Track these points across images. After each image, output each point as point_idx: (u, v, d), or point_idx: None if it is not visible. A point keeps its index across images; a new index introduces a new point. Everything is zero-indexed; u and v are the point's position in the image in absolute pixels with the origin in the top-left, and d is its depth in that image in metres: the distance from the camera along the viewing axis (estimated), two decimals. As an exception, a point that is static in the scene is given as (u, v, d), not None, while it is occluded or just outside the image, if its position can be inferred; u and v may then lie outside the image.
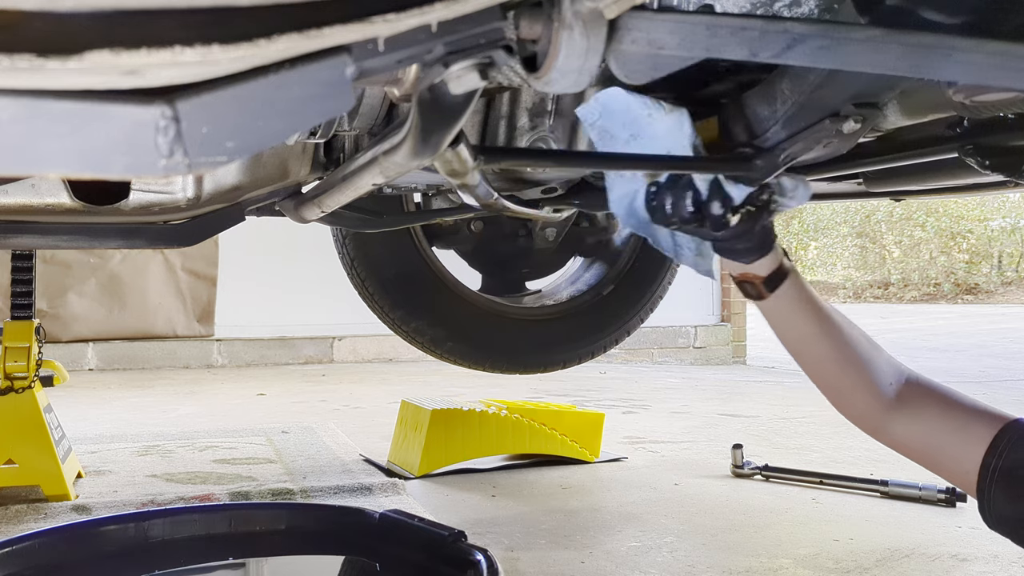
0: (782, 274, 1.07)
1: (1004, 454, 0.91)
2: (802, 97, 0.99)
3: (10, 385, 1.91)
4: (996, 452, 0.92)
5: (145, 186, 1.19)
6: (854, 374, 1.04)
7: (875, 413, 1.02)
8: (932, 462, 1.01)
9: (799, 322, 1.07)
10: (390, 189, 1.58)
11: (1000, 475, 0.91)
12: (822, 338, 1.06)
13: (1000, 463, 0.91)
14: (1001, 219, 15.00)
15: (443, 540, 1.26)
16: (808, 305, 1.07)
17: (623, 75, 0.69)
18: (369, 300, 2.06)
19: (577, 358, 2.24)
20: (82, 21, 0.39)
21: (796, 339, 1.08)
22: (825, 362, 1.06)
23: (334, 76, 0.48)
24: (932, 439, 0.98)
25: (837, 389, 1.06)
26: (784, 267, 1.07)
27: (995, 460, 0.91)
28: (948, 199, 3.26)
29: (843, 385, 1.05)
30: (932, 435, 0.98)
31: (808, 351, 1.07)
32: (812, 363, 1.07)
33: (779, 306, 1.08)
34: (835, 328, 1.07)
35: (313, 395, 3.89)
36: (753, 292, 1.09)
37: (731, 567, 1.52)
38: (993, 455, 0.92)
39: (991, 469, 0.92)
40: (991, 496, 0.92)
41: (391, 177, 0.93)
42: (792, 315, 1.07)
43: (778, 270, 1.07)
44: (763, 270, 1.07)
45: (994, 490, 0.91)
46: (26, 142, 0.42)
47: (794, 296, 1.07)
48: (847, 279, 16.21)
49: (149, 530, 1.36)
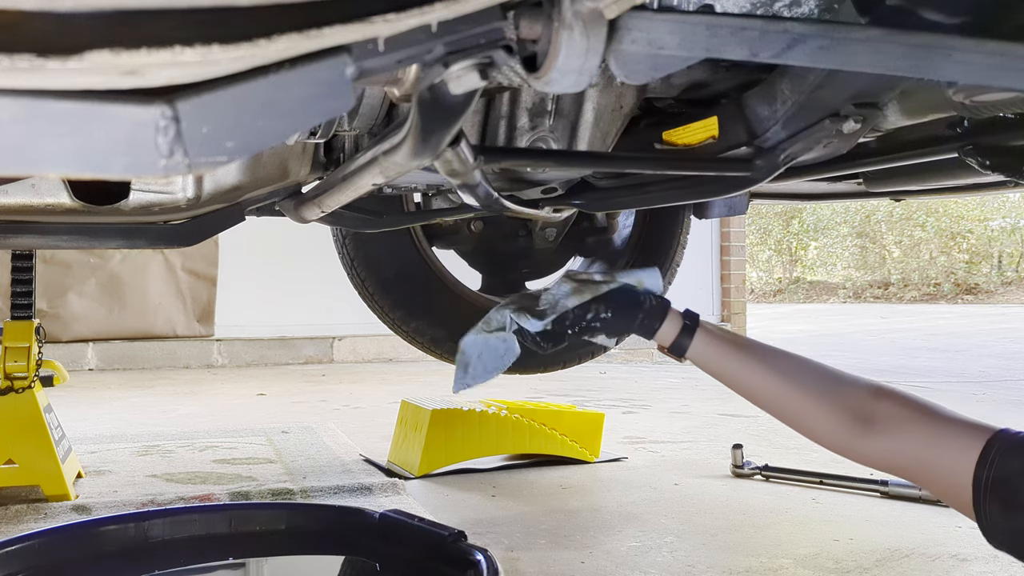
0: (687, 334, 1.14)
1: (994, 465, 0.90)
2: (802, 97, 0.99)
3: (10, 385, 1.91)
4: (986, 464, 0.91)
5: (145, 186, 1.19)
6: (808, 400, 1.05)
7: (844, 435, 1.02)
8: (921, 478, 1.01)
9: (728, 368, 1.12)
10: (390, 189, 1.58)
11: (994, 486, 0.90)
12: (759, 375, 1.09)
13: (992, 473, 0.90)
14: (1001, 219, 15.00)
15: (443, 540, 1.26)
16: (728, 352, 1.12)
17: (623, 75, 0.69)
18: (369, 300, 2.06)
19: (577, 358, 2.24)
20: (82, 21, 0.39)
21: (736, 383, 1.13)
22: (775, 395, 1.08)
23: (334, 76, 0.48)
24: (916, 455, 0.98)
25: (799, 419, 1.07)
26: (687, 328, 1.14)
27: (986, 472, 0.91)
28: (948, 199, 3.27)
29: (802, 414, 1.06)
30: (915, 451, 0.98)
31: (753, 390, 1.11)
32: (764, 400, 1.10)
33: (700, 361, 1.15)
34: (770, 362, 1.10)
35: (313, 395, 3.90)
36: (674, 359, 1.17)
37: (731, 567, 1.52)
38: (984, 467, 0.91)
39: (983, 482, 0.91)
40: (987, 510, 0.91)
41: (391, 177, 0.93)
42: (716, 365, 1.13)
43: (681, 333, 1.14)
44: (666, 339, 1.15)
45: (989, 503, 0.90)
46: (26, 142, 0.42)
47: (710, 348, 1.13)
48: (847, 279, 16.21)
49: (149, 530, 1.36)
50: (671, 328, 1.14)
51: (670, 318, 1.15)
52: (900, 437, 0.99)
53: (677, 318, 1.15)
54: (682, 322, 1.15)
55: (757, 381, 1.10)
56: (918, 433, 0.98)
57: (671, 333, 1.14)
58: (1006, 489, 0.89)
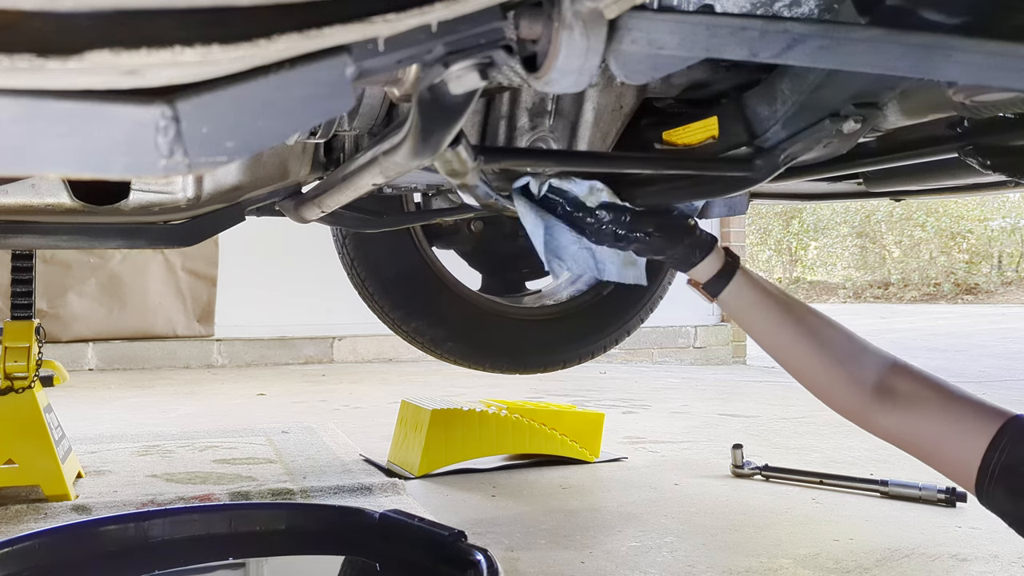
0: (725, 275, 1.11)
1: (1006, 451, 0.91)
2: (802, 97, 0.99)
3: (10, 385, 1.91)
4: (998, 448, 0.91)
5: (145, 186, 1.19)
6: (832, 366, 1.04)
7: (861, 405, 1.02)
8: (927, 455, 1.01)
9: (757, 318, 1.10)
10: (390, 189, 1.58)
11: (1001, 472, 0.91)
12: (787, 331, 1.07)
13: (1002, 459, 0.91)
14: (1001, 219, 15.00)
15: (443, 540, 1.26)
16: (762, 301, 1.10)
17: (623, 75, 0.69)
18: (369, 300, 2.06)
19: (577, 358, 2.24)
20: (82, 21, 0.39)
21: (761, 335, 1.10)
22: (798, 355, 1.07)
23: (334, 76, 0.48)
24: (929, 432, 0.98)
25: (817, 382, 1.06)
26: (727, 268, 1.11)
27: (996, 456, 0.91)
28: (948, 199, 3.27)
29: (822, 378, 1.05)
30: (929, 428, 0.98)
31: (777, 345, 1.09)
32: (786, 357, 1.09)
33: (730, 306, 1.12)
34: (801, 321, 1.08)
35: (313, 395, 3.90)
36: (704, 296, 1.14)
37: (731, 567, 1.52)
38: (994, 452, 0.91)
39: (992, 465, 0.91)
40: (991, 492, 0.92)
41: (391, 177, 0.93)
42: (746, 313, 1.11)
43: (720, 273, 1.11)
44: (702, 276, 1.12)
45: (995, 487, 0.91)
46: (26, 142, 0.42)
47: (743, 294, 1.11)
48: (847, 279, 16.21)
49: (149, 530, 1.36)
50: (711, 265, 1.12)
51: (713, 254, 1.12)
52: (916, 413, 0.99)
53: (719, 256, 1.13)
54: (723, 261, 1.12)
55: (783, 338, 1.08)
56: (934, 411, 0.98)
57: (710, 270, 1.12)
58: (1014, 477, 0.90)
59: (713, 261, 1.12)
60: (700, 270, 1.12)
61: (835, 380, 1.03)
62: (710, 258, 1.12)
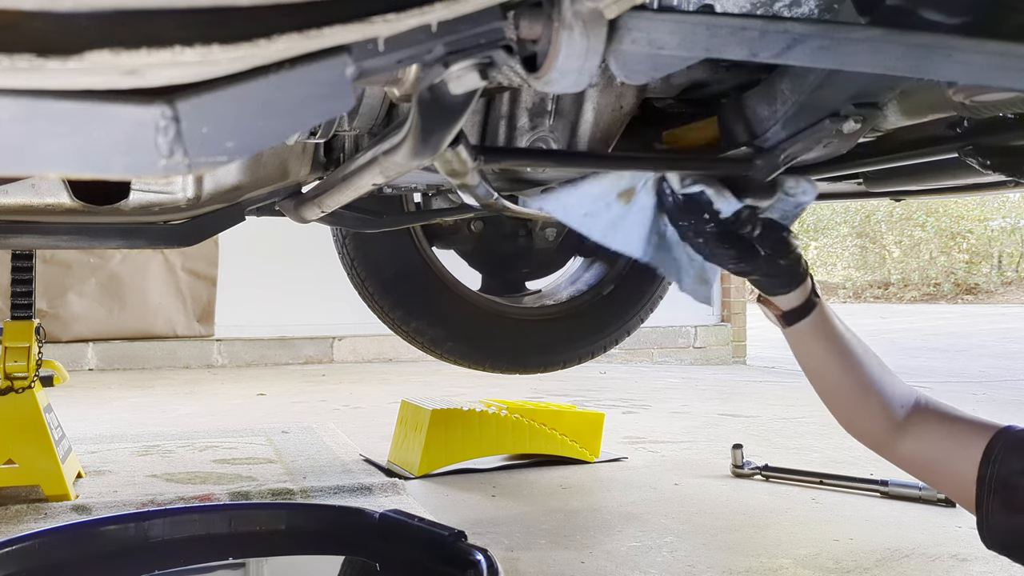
0: (805, 310, 1.08)
1: (998, 463, 0.91)
2: (802, 97, 0.99)
3: (10, 385, 1.91)
4: (990, 462, 0.91)
5: (145, 186, 1.19)
6: (867, 401, 1.05)
7: (883, 434, 1.04)
8: (935, 479, 1.02)
9: (817, 354, 1.09)
10: (390, 189, 1.58)
11: (996, 485, 0.90)
12: (838, 370, 1.07)
13: (995, 472, 0.91)
14: (1001, 219, 15.00)
15: (443, 540, 1.26)
16: (828, 341, 1.08)
17: (623, 75, 0.69)
18: (369, 300, 2.06)
19: (577, 358, 2.24)
20: (82, 21, 0.39)
21: (813, 368, 1.10)
22: (840, 390, 1.07)
23: (334, 76, 0.48)
24: (933, 456, 0.99)
25: (849, 414, 1.07)
26: (810, 303, 1.08)
27: (989, 470, 0.91)
28: (948, 199, 3.27)
29: (856, 411, 1.06)
30: (933, 452, 0.99)
31: (824, 380, 1.09)
32: (827, 390, 1.09)
33: (796, 338, 1.10)
34: (853, 360, 1.07)
35: (313, 395, 3.89)
36: (772, 320, 1.12)
37: (731, 567, 1.52)
38: (987, 466, 0.91)
39: (987, 480, 0.91)
40: (989, 509, 0.91)
41: (391, 177, 0.93)
42: (809, 348, 1.09)
43: (802, 306, 1.08)
44: (785, 304, 1.09)
45: (992, 502, 0.90)
46: (26, 142, 0.42)
47: (814, 332, 1.08)
48: (847, 279, 16.21)
49: (149, 530, 1.36)
50: (797, 296, 1.09)
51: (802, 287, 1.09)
52: (921, 440, 1.00)
53: (806, 290, 1.09)
54: (809, 295, 1.09)
55: (830, 375, 1.08)
56: (933, 435, 1.00)
57: (794, 300, 1.09)
58: (1008, 489, 0.89)
59: (800, 293, 1.09)
60: (784, 298, 1.09)
61: (869, 412, 1.04)
62: (800, 289, 1.08)
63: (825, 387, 1.09)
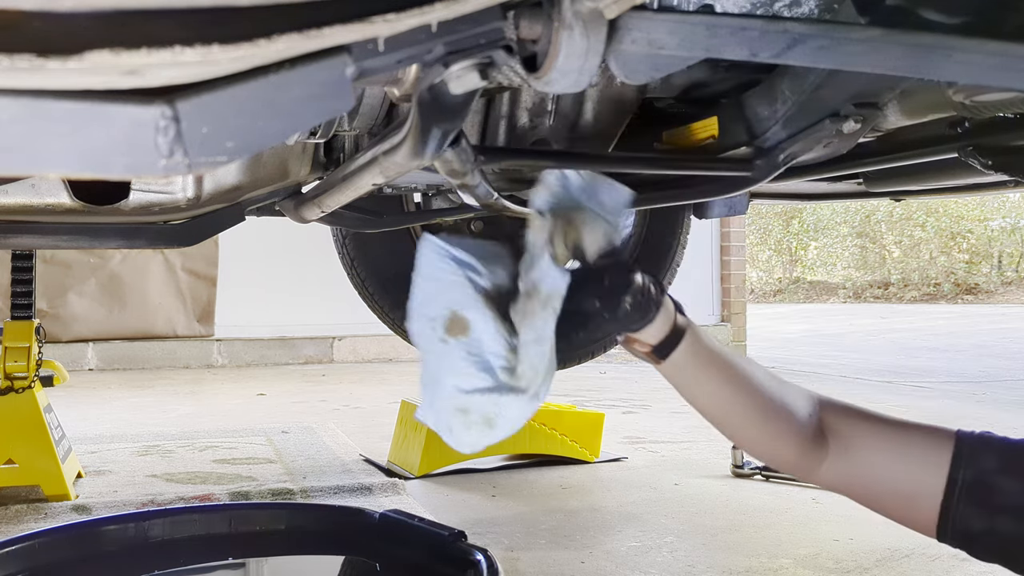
0: (676, 337, 0.92)
1: (969, 466, 0.86)
2: (802, 97, 0.99)
3: (10, 385, 1.91)
4: (960, 465, 0.86)
5: (145, 186, 1.19)
6: (774, 422, 0.92)
7: (805, 455, 0.92)
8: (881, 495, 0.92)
9: (703, 384, 0.94)
10: (390, 189, 1.58)
11: (970, 488, 0.85)
12: (731, 396, 0.93)
13: (967, 475, 0.85)
14: (1001, 219, 15.00)
15: (443, 540, 1.26)
16: (712, 366, 0.94)
17: (623, 75, 0.69)
18: (369, 300, 2.06)
19: (577, 358, 2.24)
20: (82, 21, 0.39)
21: (705, 402, 0.95)
22: (740, 420, 0.94)
23: (334, 76, 0.48)
24: (880, 470, 0.90)
25: (761, 444, 0.95)
26: (678, 328, 0.92)
27: (961, 473, 0.86)
28: (948, 199, 3.28)
29: (765, 438, 0.93)
30: (879, 466, 0.90)
31: (721, 412, 0.95)
32: (727, 423, 0.95)
33: (676, 371, 0.94)
34: (744, 380, 0.94)
35: (313, 395, 3.89)
36: (642, 357, 0.95)
37: (731, 567, 1.52)
38: (958, 469, 0.86)
39: (959, 483, 0.86)
40: (957, 513, 0.86)
41: (391, 177, 0.93)
42: (693, 379, 0.94)
43: (670, 334, 0.92)
44: (652, 337, 0.91)
45: (961, 505, 0.85)
46: (26, 142, 0.42)
47: (694, 360, 0.93)
48: (847, 279, 16.21)
49: (149, 530, 1.36)
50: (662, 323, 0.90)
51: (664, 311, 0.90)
52: (861, 453, 0.91)
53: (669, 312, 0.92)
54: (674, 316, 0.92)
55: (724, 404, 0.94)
56: (878, 446, 0.90)
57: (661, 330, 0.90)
58: (984, 490, 0.85)
59: (664, 321, 0.90)
60: (650, 331, 0.90)
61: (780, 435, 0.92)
62: (662, 316, 0.90)
63: (724, 420, 0.95)
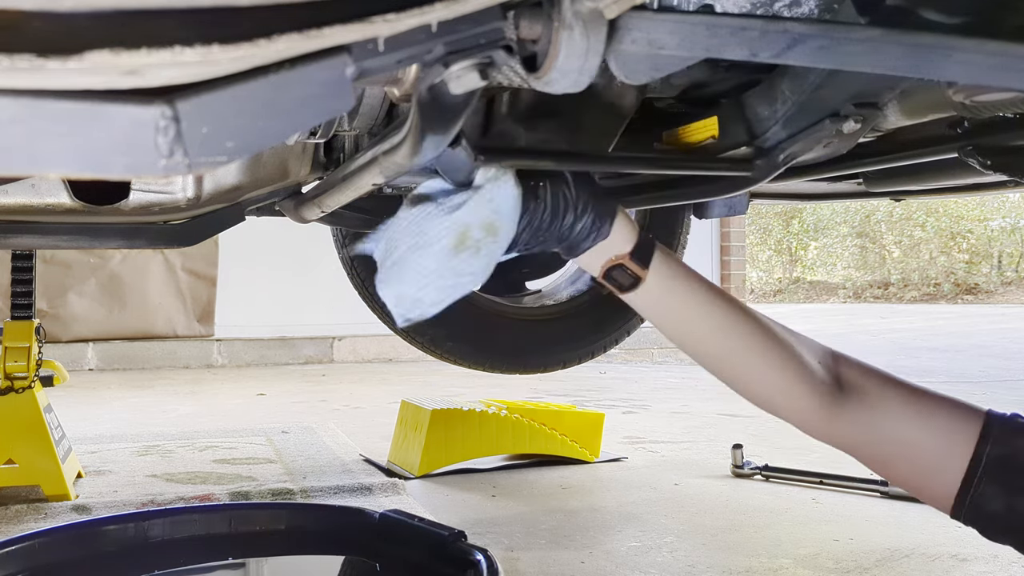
0: (649, 244, 0.83)
1: (1000, 444, 0.82)
2: (802, 97, 0.99)
3: (10, 385, 1.91)
4: (988, 441, 0.82)
5: (145, 186, 1.19)
6: (782, 360, 0.83)
7: (821, 406, 0.84)
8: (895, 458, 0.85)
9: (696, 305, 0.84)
10: (390, 189, 1.58)
11: (993, 465, 0.82)
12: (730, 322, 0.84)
13: (997, 452, 0.82)
14: (1001, 219, 15.00)
15: (443, 540, 1.26)
16: (694, 278, 0.84)
17: (623, 75, 0.69)
18: (369, 300, 2.06)
19: (577, 358, 2.24)
20: (82, 21, 0.39)
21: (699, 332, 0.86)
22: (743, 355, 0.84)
23: (334, 76, 0.48)
24: (901, 432, 0.84)
25: (769, 386, 0.86)
26: (646, 237, 0.84)
27: (988, 449, 0.82)
28: (948, 199, 3.27)
29: (774, 379, 0.84)
30: (900, 427, 0.84)
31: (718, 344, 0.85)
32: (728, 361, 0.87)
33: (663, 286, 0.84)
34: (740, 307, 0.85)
35: (313, 395, 3.89)
36: (626, 279, 0.83)
37: (731, 567, 1.52)
38: (986, 444, 0.82)
39: (983, 460, 0.82)
40: (978, 490, 0.82)
41: (391, 177, 0.93)
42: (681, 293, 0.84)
43: (642, 241, 0.82)
44: (624, 243, 0.81)
45: (983, 483, 0.82)
46: (26, 142, 0.42)
47: (675, 269, 0.83)
48: (847, 279, 16.21)
49: (149, 530, 1.36)
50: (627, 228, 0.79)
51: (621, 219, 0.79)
52: (881, 411, 0.84)
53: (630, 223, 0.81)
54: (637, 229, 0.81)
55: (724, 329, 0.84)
56: (901, 407, 0.84)
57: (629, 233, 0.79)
58: (1013, 471, 0.82)
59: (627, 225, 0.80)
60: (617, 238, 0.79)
61: (787, 375, 0.83)
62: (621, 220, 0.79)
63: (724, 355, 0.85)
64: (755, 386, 0.86)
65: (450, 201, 0.77)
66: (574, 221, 0.79)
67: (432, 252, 0.76)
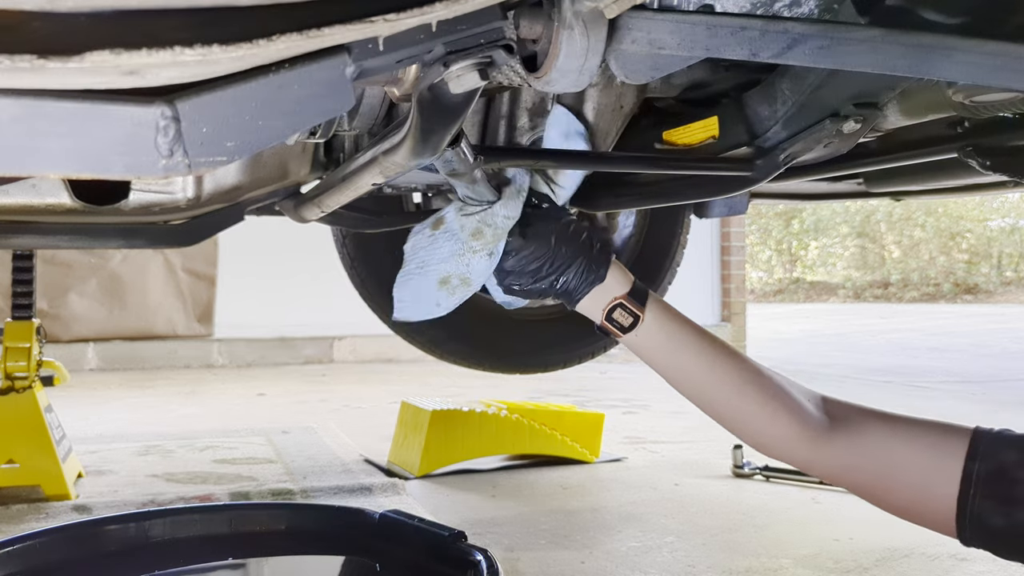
0: (642, 287, 0.89)
1: (987, 458, 0.82)
2: (802, 97, 0.99)
3: (11, 385, 1.91)
4: (976, 458, 0.83)
5: (145, 186, 1.19)
6: (771, 397, 0.87)
7: (808, 440, 0.87)
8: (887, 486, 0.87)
9: (688, 345, 0.90)
10: (390, 189, 1.58)
11: (988, 479, 0.82)
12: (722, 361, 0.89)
13: (986, 467, 0.82)
14: (1001, 219, 15.01)
15: (443, 540, 1.26)
16: (683, 318, 0.90)
17: (623, 75, 0.69)
18: (369, 300, 2.06)
19: (577, 358, 2.23)
20: (82, 21, 0.39)
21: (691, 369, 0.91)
22: (733, 392, 0.89)
23: (334, 76, 0.48)
24: (892, 458, 0.85)
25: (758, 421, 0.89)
26: (637, 282, 0.90)
27: (977, 465, 0.82)
28: (948, 199, 3.27)
29: (764, 415, 0.88)
30: (889, 454, 0.85)
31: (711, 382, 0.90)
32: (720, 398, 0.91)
33: (659, 324, 0.90)
34: (730, 349, 0.91)
35: (313, 395, 3.89)
36: (627, 319, 0.89)
37: (731, 567, 1.52)
38: (974, 462, 0.82)
39: (975, 476, 0.82)
40: (973, 507, 0.82)
41: (391, 177, 0.93)
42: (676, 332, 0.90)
43: (636, 284, 0.90)
44: (620, 286, 0.88)
45: (977, 499, 0.82)
46: (26, 142, 0.42)
47: (667, 309, 0.90)
48: (847, 279, 16.21)
49: (149, 530, 1.36)
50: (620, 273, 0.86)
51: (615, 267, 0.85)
52: (868, 439, 0.86)
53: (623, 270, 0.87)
54: (631, 277, 0.88)
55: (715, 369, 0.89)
56: (887, 435, 0.86)
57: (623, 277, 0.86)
58: (1006, 482, 0.82)
59: (620, 271, 0.87)
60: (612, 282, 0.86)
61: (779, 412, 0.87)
62: (616, 267, 0.86)
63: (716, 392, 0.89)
64: (746, 417, 0.90)
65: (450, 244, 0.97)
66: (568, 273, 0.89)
67: (427, 280, 1.00)
